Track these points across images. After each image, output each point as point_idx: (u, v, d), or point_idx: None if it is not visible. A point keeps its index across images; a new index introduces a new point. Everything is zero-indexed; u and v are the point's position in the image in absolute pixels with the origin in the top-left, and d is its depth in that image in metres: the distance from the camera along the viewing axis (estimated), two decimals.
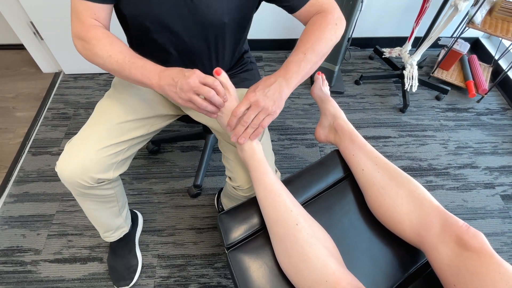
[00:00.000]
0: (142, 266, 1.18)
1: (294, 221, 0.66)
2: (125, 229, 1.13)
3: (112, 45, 0.70)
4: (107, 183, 0.88)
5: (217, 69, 0.69)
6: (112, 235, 1.10)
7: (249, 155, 0.74)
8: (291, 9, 0.79)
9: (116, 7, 0.76)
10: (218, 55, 0.88)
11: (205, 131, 1.38)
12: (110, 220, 1.04)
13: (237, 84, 0.83)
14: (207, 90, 0.65)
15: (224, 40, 0.84)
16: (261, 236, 0.75)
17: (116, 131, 0.84)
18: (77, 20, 0.71)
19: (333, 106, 0.96)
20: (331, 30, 0.73)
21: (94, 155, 0.80)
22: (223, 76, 0.70)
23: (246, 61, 1.00)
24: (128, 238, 1.16)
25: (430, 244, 0.64)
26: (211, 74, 0.71)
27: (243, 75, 0.98)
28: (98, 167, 0.81)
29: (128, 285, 1.12)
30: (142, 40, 0.83)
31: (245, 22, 0.85)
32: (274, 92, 0.67)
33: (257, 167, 0.73)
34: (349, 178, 0.88)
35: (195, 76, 0.64)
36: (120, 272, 1.13)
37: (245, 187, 0.85)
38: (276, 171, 0.95)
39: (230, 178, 0.91)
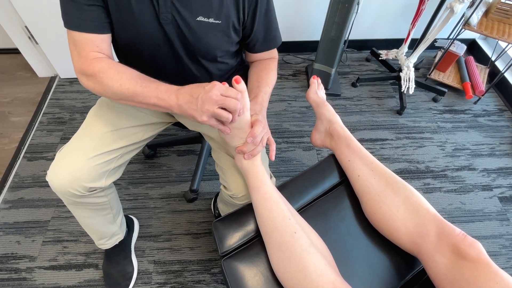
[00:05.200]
0: (138, 273, 1.17)
1: (292, 229, 0.65)
2: (120, 236, 1.12)
3: (120, 74, 0.68)
4: (100, 191, 0.87)
5: (237, 77, 0.65)
6: (106, 242, 1.09)
7: (248, 163, 0.74)
8: (251, 50, 0.88)
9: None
10: (214, 78, 0.89)
11: (202, 135, 1.37)
12: (104, 228, 1.03)
13: None
14: (234, 103, 0.61)
15: (217, 66, 0.87)
16: (256, 244, 0.74)
17: (108, 138, 0.83)
18: (78, 55, 0.69)
19: (328, 111, 0.95)
20: (276, 73, 0.91)
21: (85, 164, 0.79)
22: (243, 86, 0.66)
23: (242, 66, 1.00)
24: (123, 245, 1.15)
25: (426, 252, 0.63)
26: None
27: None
28: (89, 176, 0.79)
29: None
30: (137, 66, 0.84)
31: (237, 51, 0.90)
32: (265, 116, 0.79)
33: (255, 174, 0.73)
34: (345, 184, 0.87)
35: (216, 88, 0.61)
36: (115, 279, 1.12)
37: (240, 195, 0.84)
38: (271, 176, 0.94)
39: (224, 186, 0.90)
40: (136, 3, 0.69)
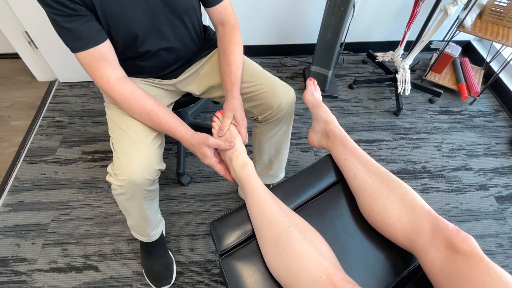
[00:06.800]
0: (138, 275, 1.17)
1: (287, 224, 0.68)
2: (163, 222, 1.18)
3: (131, 109, 0.82)
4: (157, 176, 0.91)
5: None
6: (157, 232, 1.13)
7: (240, 169, 0.79)
8: (206, 4, 0.92)
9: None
10: (193, 35, 0.95)
11: (197, 130, 1.40)
12: (156, 216, 1.09)
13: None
14: (219, 169, 0.84)
15: (195, 20, 0.92)
16: (254, 242, 0.75)
17: (144, 126, 0.87)
18: (94, 76, 0.78)
19: (324, 112, 0.96)
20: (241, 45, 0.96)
21: (150, 149, 0.84)
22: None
23: (211, 32, 1.08)
24: (161, 237, 1.18)
25: (421, 248, 0.64)
26: (197, 48, 0.99)
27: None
28: (157, 158, 0.86)
29: (170, 283, 1.14)
30: (133, 49, 0.88)
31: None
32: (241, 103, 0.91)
33: (248, 180, 0.77)
34: (341, 183, 0.88)
35: (207, 162, 0.83)
36: (160, 272, 1.14)
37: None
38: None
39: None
40: None
